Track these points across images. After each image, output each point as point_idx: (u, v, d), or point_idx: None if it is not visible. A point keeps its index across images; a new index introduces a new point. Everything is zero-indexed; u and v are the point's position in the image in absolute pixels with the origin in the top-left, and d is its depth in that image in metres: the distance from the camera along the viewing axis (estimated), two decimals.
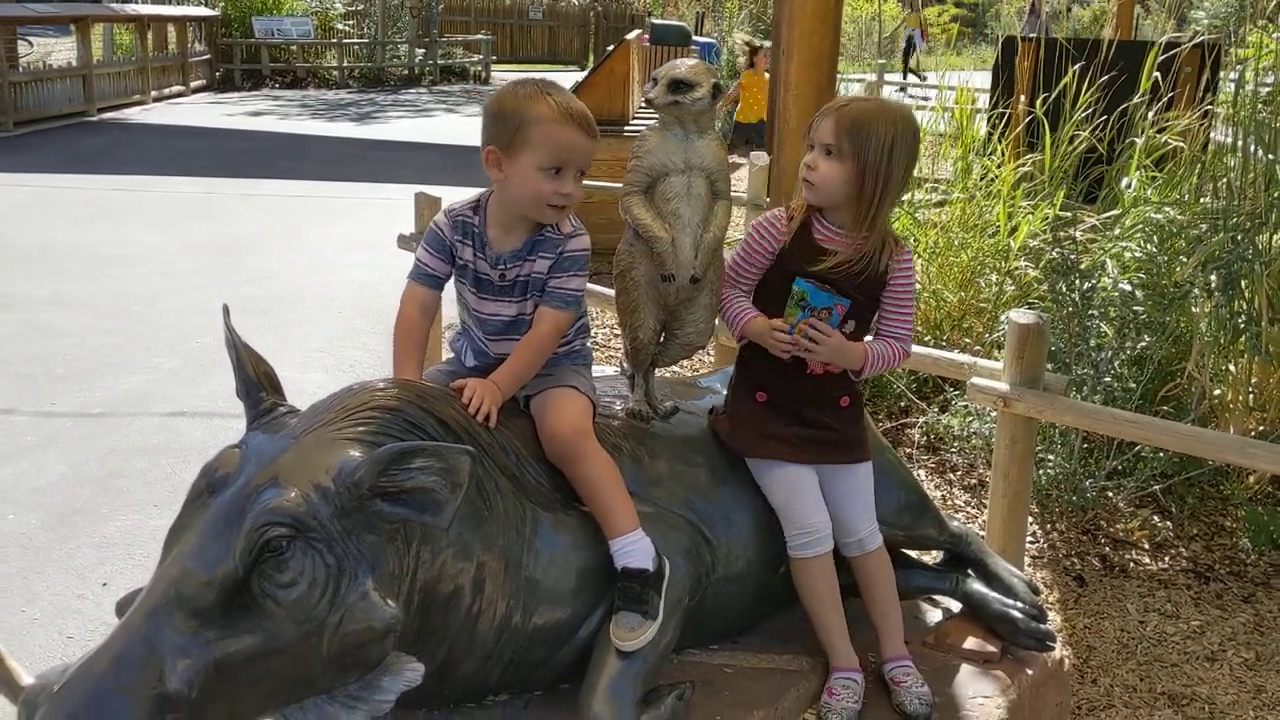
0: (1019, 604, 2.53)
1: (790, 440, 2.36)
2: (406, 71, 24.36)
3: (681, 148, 2.28)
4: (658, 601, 2.01)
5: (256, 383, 1.90)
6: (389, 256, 5.49)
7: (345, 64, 23.34)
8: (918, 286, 2.33)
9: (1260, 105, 6.68)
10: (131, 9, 18.80)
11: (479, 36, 27.06)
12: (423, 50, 24.75)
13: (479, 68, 25.78)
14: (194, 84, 20.34)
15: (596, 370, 2.47)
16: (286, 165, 12.83)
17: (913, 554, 2.75)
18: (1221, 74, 7.55)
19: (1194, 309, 4.79)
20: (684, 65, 2.26)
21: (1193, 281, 4.56)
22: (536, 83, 2.20)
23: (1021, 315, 3.84)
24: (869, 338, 2.42)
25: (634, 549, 2.04)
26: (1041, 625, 2.49)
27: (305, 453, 1.74)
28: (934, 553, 2.81)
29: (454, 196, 2.51)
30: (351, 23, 25.22)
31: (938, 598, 2.68)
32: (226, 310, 1.94)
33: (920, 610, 2.66)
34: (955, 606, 2.63)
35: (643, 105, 10.05)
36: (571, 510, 2.08)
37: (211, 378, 5.71)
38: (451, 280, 2.31)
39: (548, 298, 2.22)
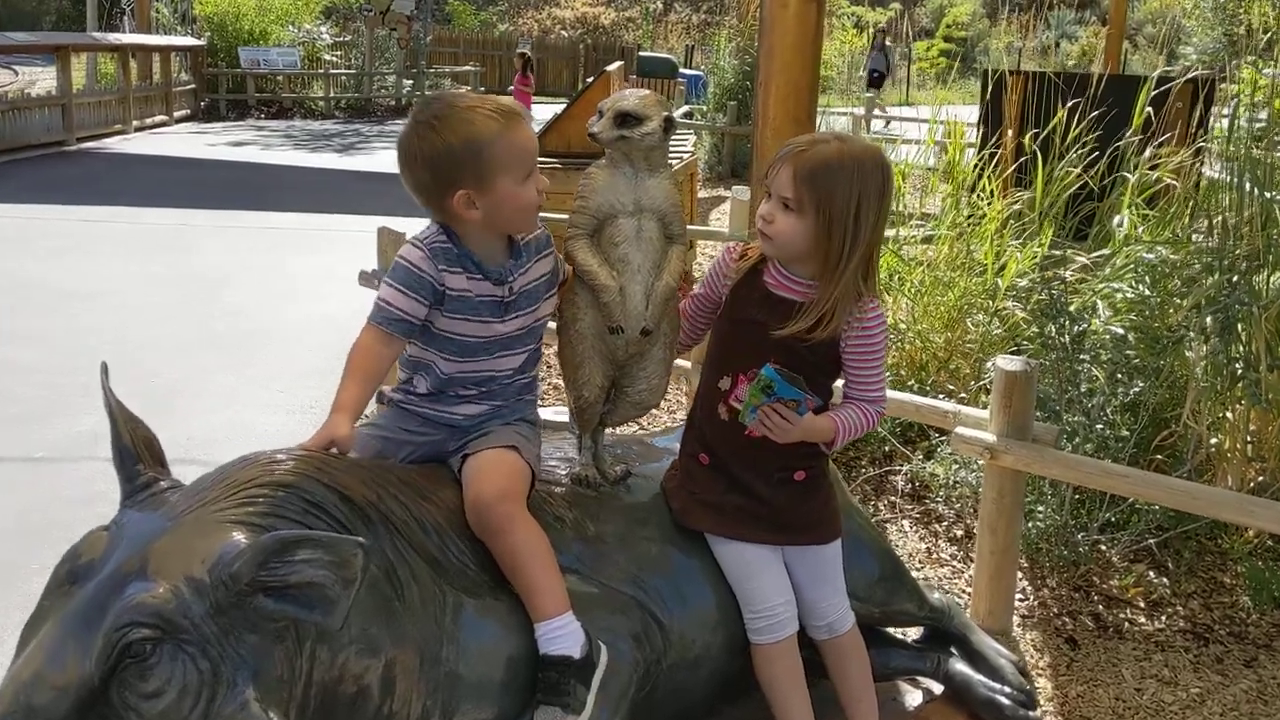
0: (1006, 688, 2.30)
1: (726, 510, 2.13)
2: (394, 102, 24.24)
3: (631, 187, 2.07)
4: (583, 693, 1.78)
5: (133, 452, 1.67)
6: (362, 291, 5.29)
7: (332, 94, 23.20)
8: (888, 336, 2.09)
9: (1253, 142, 6.53)
10: (114, 38, 18.62)
11: (467, 68, 26.98)
12: (410, 81, 24.63)
13: None
14: (178, 114, 20.14)
15: (553, 414, 2.26)
16: (266, 196, 12.62)
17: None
18: (1214, 110, 7.41)
19: (1188, 353, 4.59)
20: (632, 97, 2.05)
21: (1188, 325, 4.36)
22: (448, 104, 2.00)
23: (1008, 362, 3.64)
24: (839, 395, 2.20)
25: (560, 634, 1.81)
26: (1031, 714, 2.26)
27: (182, 538, 1.51)
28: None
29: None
30: (339, 53, 25.11)
31: (918, 678, 2.45)
32: (105, 369, 1.72)
33: (898, 692, 2.43)
34: (937, 688, 2.40)
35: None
36: (503, 594, 1.85)
37: (169, 419, 5.45)
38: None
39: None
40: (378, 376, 2.00)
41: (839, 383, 2.24)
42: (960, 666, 2.34)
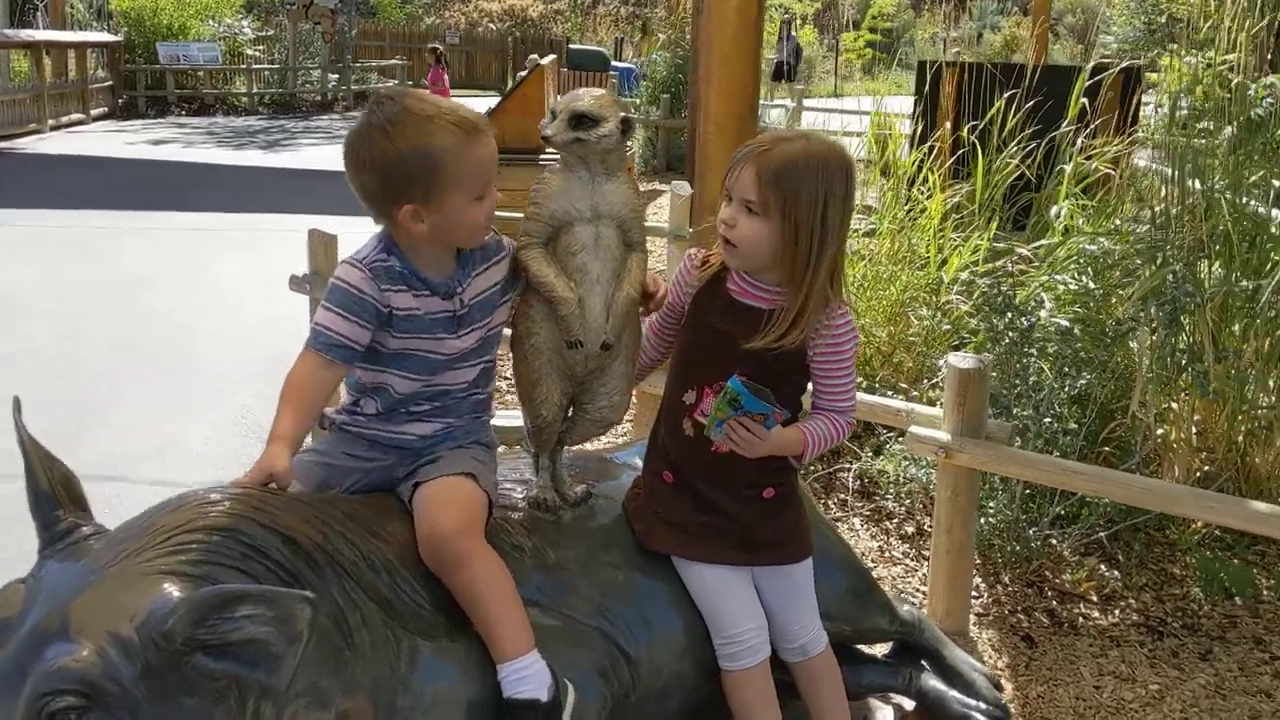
0: (981, 704, 2.23)
1: (692, 530, 2.02)
2: (319, 97, 23.79)
3: (588, 192, 1.95)
4: None
5: (51, 495, 1.51)
6: (292, 296, 5.08)
7: (255, 90, 22.69)
8: (858, 343, 1.99)
9: (1178, 129, 6.58)
10: (26, 35, 18.01)
11: (394, 61, 26.56)
12: (336, 76, 24.19)
13: None
14: (95, 111, 19.56)
15: (504, 420, 2.13)
16: (189, 196, 12.25)
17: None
18: (1144, 99, 7.47)
19: (1133, 344, 4.58)
20: (587, 96, 1.92)
21: (1136, 317, 4.35)
22: (406, 108, 1.85)
23: (961, 359, 3.58)
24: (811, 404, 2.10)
25: (525, 676, 1.70)
26: None
27: (107, 592, 1.36)
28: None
29: (363, 229, 2.12)
30: (262, 48, 24.57)
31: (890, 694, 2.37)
32: (17, 404, 1.56)
33: (869, 710, 2.36)
34: (909, 704, 2.32)
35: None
36: (461, 635, 1.73)
37: (90, 436, 5.22)
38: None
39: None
40: (317, 405, 1.86)
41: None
42: (933, 682, 2.27)
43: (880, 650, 2.48)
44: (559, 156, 1.98)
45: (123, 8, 21.84)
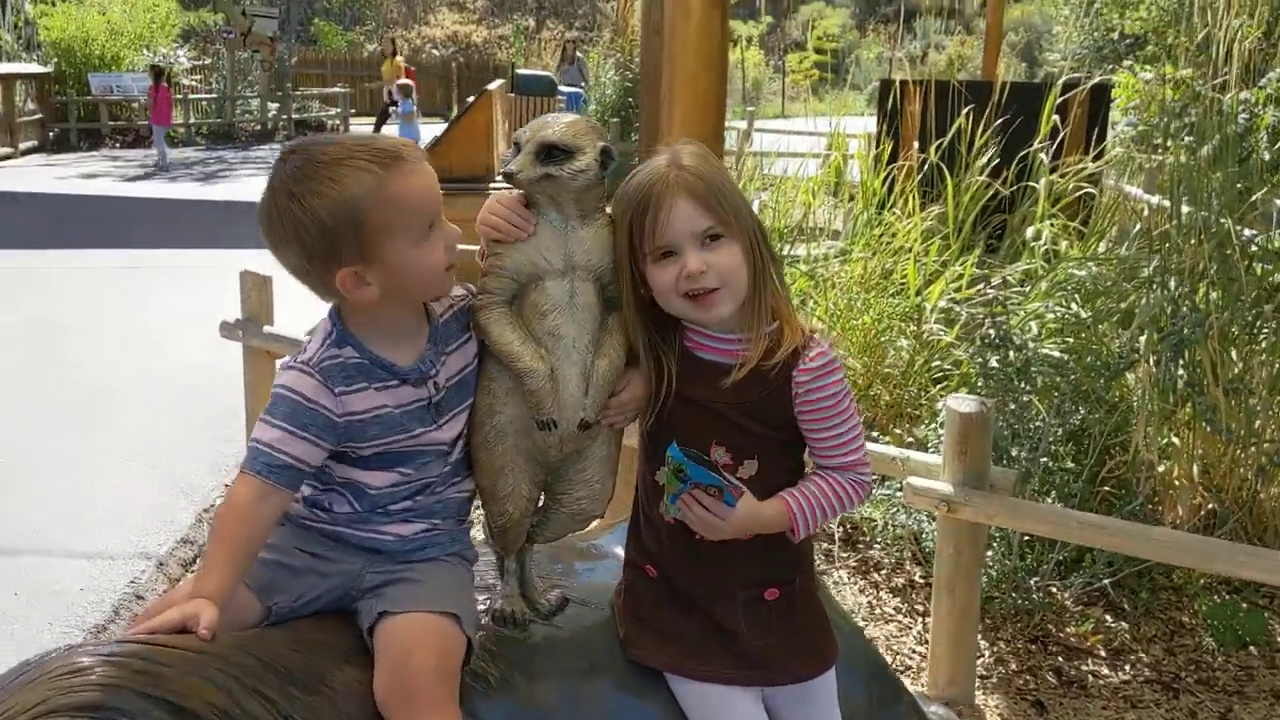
0: None
1: (685, 640, 1.67)
2: (259, 127, 23.23)
3: (560, 240, 1.59)
4: None
5: None
6: (226, 342, 4.65)
7: (192, 120, 22.09)
8: (846, 381, 1.63)
9: (1140, 148, 6.37)
10: None
11: (335, 90, 26.07)
12: (276, 105, 23.66)
13: (336, 121, 24.80)
14: (23, 145, 18.89)
15: None
16: (122, 232, 11.72)
17: None
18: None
19: (1130, 376, 4.31)
20: (558, 124, 1.56)
21: (1136, 349, 4.07)
22: (307, 159, 1.51)
23: (961, 402, 3.27)
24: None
25: None
26: None
27: None
28: None
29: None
30: (198, 77, 23.99)
31: None
32: None
33: None
34: None
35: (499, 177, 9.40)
36: None
37: (7, 502, 4.74)
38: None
39: None
40: (257, 542, 1.50)
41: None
42: None
43: None
44: (528, 197, 1.61)
45: (52, 39, 21.17)
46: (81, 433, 5.67)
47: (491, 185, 8.39)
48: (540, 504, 1.72)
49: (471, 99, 9.86)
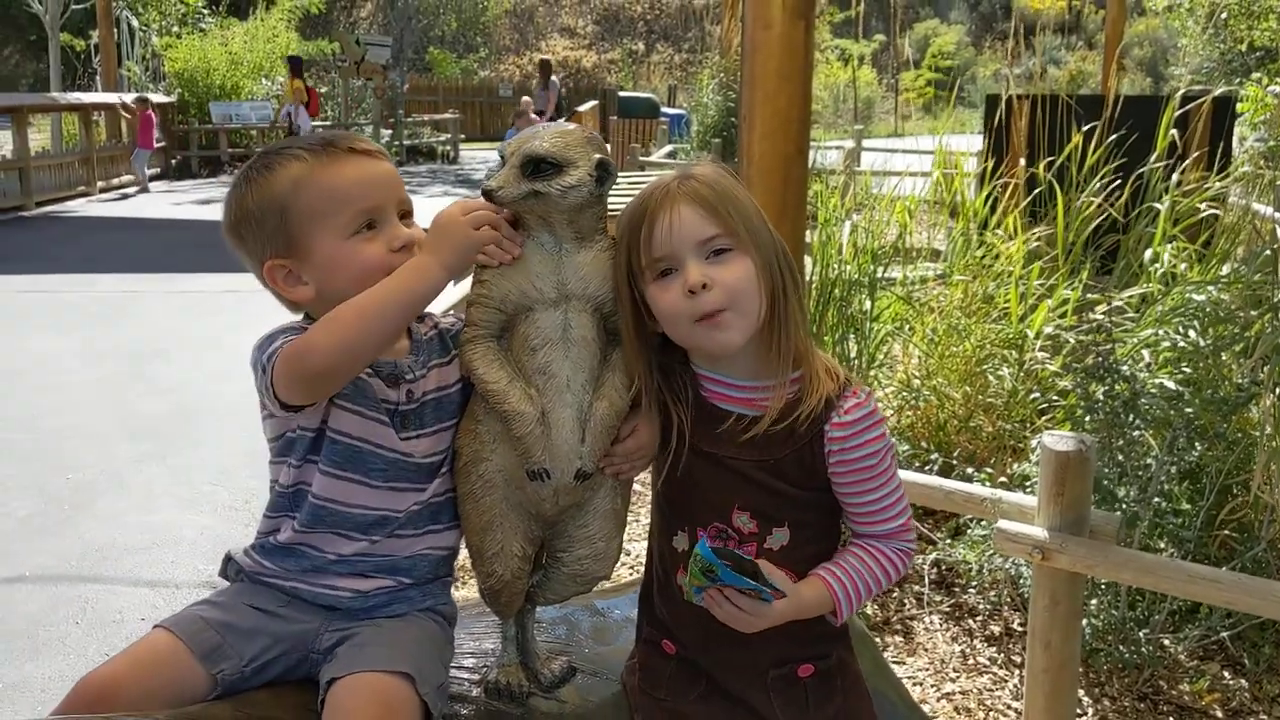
0: None
1: None
2: None
3: (552, 266, 1.39)
4: None
5: None
6: None
7: None
8: (889, 437, 1.38)
9: (1262, 162, 5.89)
10: (72, 98, 18.03)
11: (447, 116, 26.46)
12: (389, 131, 24.11)
13: (447, 147, 25.17)
14: (148, 172, 19.55)
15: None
16: (224, 258, 11.91)
17: None
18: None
19: (1252, 409, 3.94)
20: (545, 134, 1.35)
21: (1259, 380, 3.70)
22: (258, 155, 1.45)
23: (1057, 440, 2.98)
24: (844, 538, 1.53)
25: None
26: None
27: None
28: None
29: None
30: None
31: None
32: None
33: None
34: None
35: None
36: None
37: (79, 524, 4.74)
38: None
39: None
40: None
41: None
42: None
43: None
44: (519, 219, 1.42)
45: (175, 69, 21.94)
46: (158, 456, 5.67)
47: None
48: (543, 560, 1.52)
49: (563, 120, 9.80)
